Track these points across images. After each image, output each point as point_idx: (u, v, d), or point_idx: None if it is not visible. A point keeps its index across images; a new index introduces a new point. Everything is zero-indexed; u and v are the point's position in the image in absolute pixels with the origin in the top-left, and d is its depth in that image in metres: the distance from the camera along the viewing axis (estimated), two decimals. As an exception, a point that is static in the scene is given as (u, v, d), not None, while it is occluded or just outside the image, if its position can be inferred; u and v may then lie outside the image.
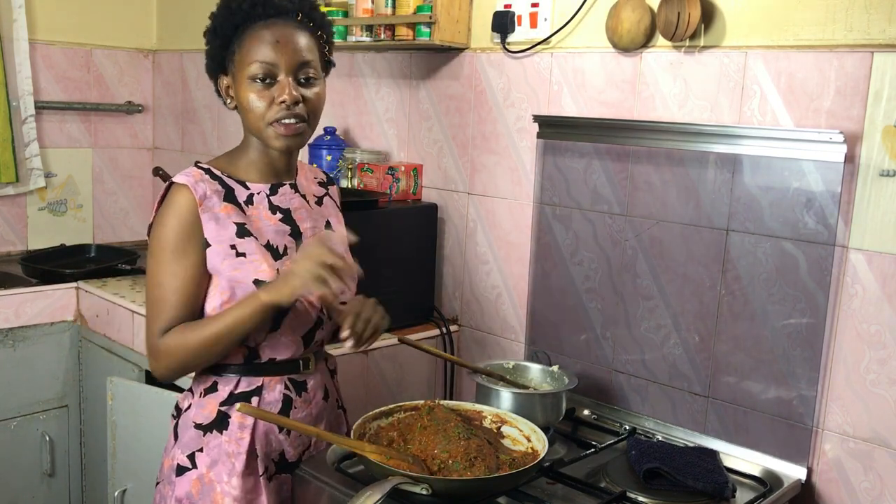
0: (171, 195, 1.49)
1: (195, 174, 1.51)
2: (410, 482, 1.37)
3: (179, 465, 1.55)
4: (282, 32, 1.48)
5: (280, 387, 1.57)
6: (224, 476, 1.53)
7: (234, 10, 1.50)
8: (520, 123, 2.25)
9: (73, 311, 2.79)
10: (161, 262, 1.48)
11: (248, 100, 1.49)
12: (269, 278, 1.49)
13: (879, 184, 1.64)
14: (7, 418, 2.68)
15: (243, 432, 1.53)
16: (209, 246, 1.49)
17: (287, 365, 1.57)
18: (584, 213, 2.08)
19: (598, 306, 2.08)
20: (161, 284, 1.48)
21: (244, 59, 1.48)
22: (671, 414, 1.96)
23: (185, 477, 1.55)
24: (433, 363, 2.40)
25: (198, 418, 1.55)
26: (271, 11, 1.49)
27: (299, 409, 1.59)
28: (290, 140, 1.51)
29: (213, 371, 1.55)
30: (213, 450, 1.54)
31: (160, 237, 1.48)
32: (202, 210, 1.47)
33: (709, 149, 1.81)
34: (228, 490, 1.52)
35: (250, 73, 1.48)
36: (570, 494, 1.60)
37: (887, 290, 1.65)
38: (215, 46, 1.54)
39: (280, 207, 1.58)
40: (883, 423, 1.68)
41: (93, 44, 3.34)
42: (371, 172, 2.46)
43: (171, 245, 1.47)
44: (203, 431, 1.55)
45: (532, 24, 2.17)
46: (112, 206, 3.49)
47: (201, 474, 1.54)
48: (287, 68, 1.48)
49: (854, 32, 1.65)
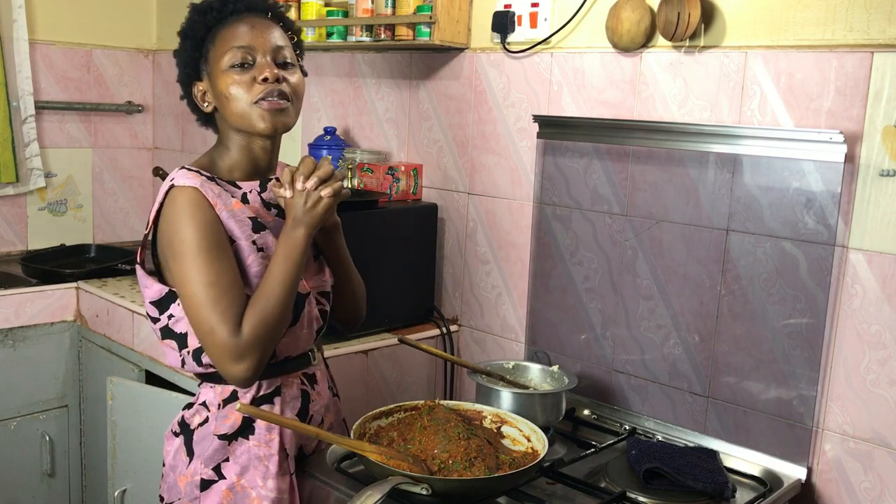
0: (181, 198, 1.44)
1: (195, 176, 1.47)
2: (410, 482, 1.37)
3: (203, 479, 1.52)
4: (256, 21, 1.51)
5: (297, 382, 1.58)
6: (258, 480, 1.52)
7: (206, 12, 1.51)
8: (520, 123, 2.25)
9: (73, 311, 2.79)
10: (199, 263, 1.40)
11: (227, 88, 1.47)
12: None
13: (879, 184, 1.64)
14: (7, 418, 2.68)
15: (272, 434, 1.53)
16: (233, 242, 1.47)
17: (299, 360, 1.59)
18: (584, 212, 2.08)
19: (597, 306, 2.08)
20: (211, 284, 1.39)
21: (219, 51, 1.49)
22: (671, 414, 1.96)
23: (212, 490, 1.52)
24: (433, 363, 2.40)
25: (220, 429, 1.52)
26: (242, 7, 1.51)
27: (315, 401, 1.61)
28: (275, 118, 1.48)
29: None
30: (240, 457, 1.52)
31: (188, 239, 1.41)
32: (218, 208, 1.46)
33: (709, 149, 1.81)
34: (266, 493, 1.51)
35: (228, 61, 1.47)
36: (570, 494, 1.60)
37: (887, 290, 1.65)
38: (187, 50, 1.53)
39: (273, 203, 1.57)
40: (883, 423, 1.68)
41: (93, 44, 3.35)
42: (371, 172, 2.46)
43: (205, 243, 1.41)
44: (228, 441, 1.52)
45: (532, 24, 2.17)
46: (112, 206, 3.49)
47: (231, 483, 1.52)
48: (264, 51, 1.48)
49: (854, 32, 1.65)
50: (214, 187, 1.49)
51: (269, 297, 1.42)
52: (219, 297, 1.39)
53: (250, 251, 1.48)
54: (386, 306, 2.29)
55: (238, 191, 1.54)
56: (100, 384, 2.55)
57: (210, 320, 1.39)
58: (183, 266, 1.41)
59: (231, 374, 1.41)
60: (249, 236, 1.49)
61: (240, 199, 1.53)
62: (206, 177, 1.50)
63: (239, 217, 1.49)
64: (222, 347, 1.39)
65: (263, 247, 1.50)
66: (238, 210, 1.50)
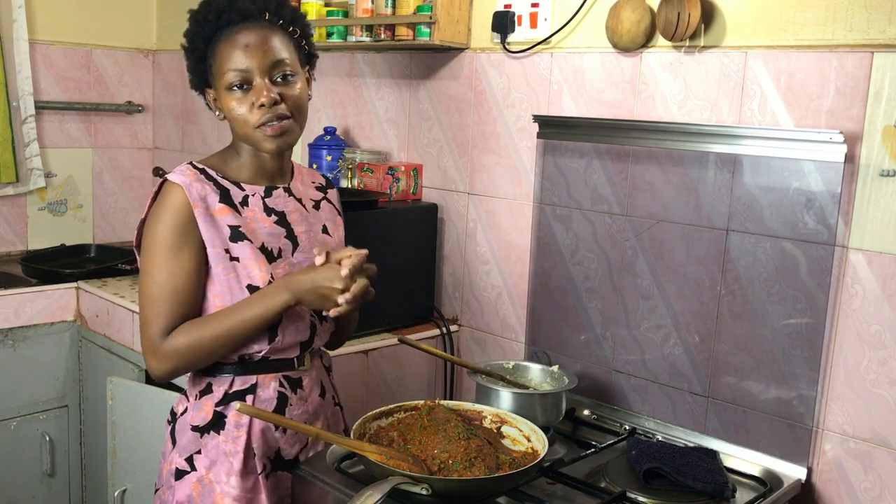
0: (165, 193, 1.48)
1: (190, 174, 1.50)
2: (410, 482, 1.37)
3: (178, 468, 1.55)
4: (251, 36, 1.48)
5: (274, 384, 1.56)
6: (223, 476, 1.53)
7: (202, 23, 1.50)
8: (520, 123, 2.25)
9: (73, 311, 2.79)
10: (157, 260, 1.46)
11: (230, 109, 1.49)
12: (262, 283, 1.49)
13: (879, 184, 1.64)
14: (7, 418, 2.68)
15: (240, 431, 1.53)
16: (204, 247, 1.48)
17: (281, 363, 1.57)
18: (584, 213, 2.08)
19: (597, 306, 2.08)
20: (158, 283, 1.46)
21: (219, 70, 1.49)
22: (671, 414, 1.96)
23: (184, 480, 1.54)
24: (433, 363, 2.40)
25: (195, 420, 1.55)
26: (237, 17, 1.48)
27: (295, 406, 1.59)
28: (279, 140, 1.50)
29: (208, 372, 1.55)
30: (210, 451, 1.54)
31: (156, 235, 1.47)
32: (196, 211, 1.47)
33: (709, 149, 1.81)
34: (228, 490, 1.52)
35: (226, 83, 1.48)
36: (570, 494, 1.60)
37: (887, 290, 1.65)
38: (193, 63, 1.54)
39: (275, 210, 1.57)
40: (883, 423, 1.68)
41: (93, 44, 3.35)
42: (371, 172, 2.46)
43: (168, 242, 1.46)
44: (200, 433, 1.55)
45: (532, 24, 2.17)
46: (112, 206, 3.49)
47: (201, 476, 1.54)
48: (261, 71, 1.47)
49: (854, 32, 1.65)
50: (207, 186, 1.50)
51: (212, 328, 1.46)
52: (161, 297, 1.46)
53: (220, 259, 1.49)
54: (386, 306, 2.29)
55: (241, 192, 1.54)
56: (100, 384, 2.55)
57: (146, 315, 1.48)
58: (144, 258, 1.49)
59: (149, 367, 1.51)
60: (223, 243, 1.49)
61: (239, 200, 1.53)
62: (205, 175, 1.51)
63: (218, 223, 1.49)
64: (146, 343, 1.49)
65: (239, 257, 1.50)
66: (221, 217, 1.50)
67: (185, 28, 1.53)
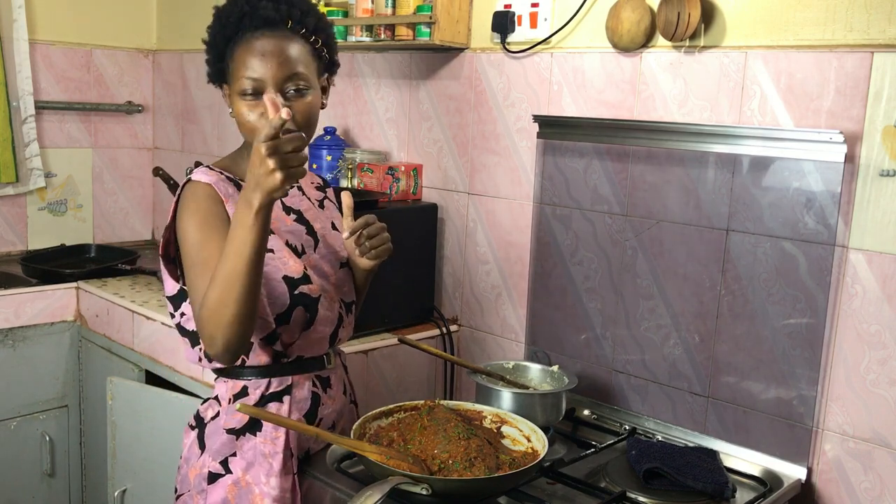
0: (194, 190, 1.48)
1: (213, 174, 1.51)
2: (410, 482, 1.37)
3: (211, 472, 1.54)
4: (269, 44, 1.46)
5: (308, 384, 1.59)
6: (262, 477, 1.53)
7: (225, 23, 1.50)
8: (520, 123, 2.25)
9: (73, 311, 2.79)
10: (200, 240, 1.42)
11: (241, 113, 1.49)
12: (297, 275, 1.51)
13: (879, 184, 1.64)
14: (7, 418, 2.68)
15: (278, 431, 1.54)
16: None
17: (313, 362, 1.60)
18: (584, 213, 2.08)
19: (597, 306, 2.08)
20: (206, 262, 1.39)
21: (235, 73, 1.49)
22: (671, 414, 1.96)
23: (218, 483, 1.54)
24: (433, 363, 2.40)
25: (230, 424, 1.55)
26: (258, 23, 1.46)
27: (326, 405, 1.62)
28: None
29: (242, 376, 1.56)
30: (247, 452, 1.54)
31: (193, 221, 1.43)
32: (228, 205, 1.48)
33: (709, 149, 1.81)
34: (268, 491, 1.52)
35: (239, 88, 1.47)
36: (570, 494, 1.60)
37: (887, 290, 1.65)
38: (212, 58, 1.54)
39: (293, 208, 1.60)
40: (883, 423, 1.68)
41: (93, 44, 3.34)
42: (371, 172, 2.46)
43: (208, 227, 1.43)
44: (236, 436, 1.54)
45: (532, 24, 2.17)
46: (112, 206, 3.49)
47: (237, 478, 1.54)
48: (274, 82, 1.46)
49: (854, 32, 1.65)
50: (229, 187, 1.51)
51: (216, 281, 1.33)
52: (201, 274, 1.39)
53: None
54: (386, 306, 2.29)
55: None
56: (100, 384, 2.55)
57: (196, 296, 1.39)
58: (184, 245, 1.44)
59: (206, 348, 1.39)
60: None
61: None
62: (224, 176, 1.53)
63: None
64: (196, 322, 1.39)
65: (274, 248, 1.51)
66: None
67: (209, 23, 1.53)
